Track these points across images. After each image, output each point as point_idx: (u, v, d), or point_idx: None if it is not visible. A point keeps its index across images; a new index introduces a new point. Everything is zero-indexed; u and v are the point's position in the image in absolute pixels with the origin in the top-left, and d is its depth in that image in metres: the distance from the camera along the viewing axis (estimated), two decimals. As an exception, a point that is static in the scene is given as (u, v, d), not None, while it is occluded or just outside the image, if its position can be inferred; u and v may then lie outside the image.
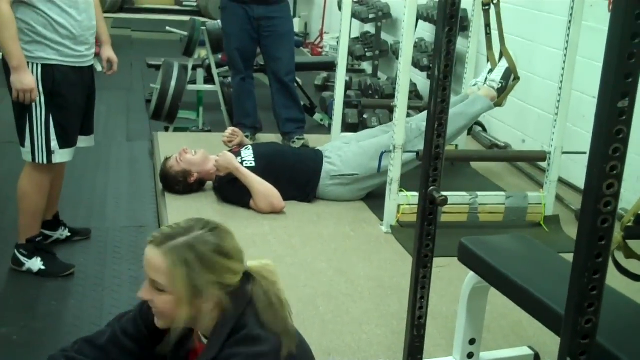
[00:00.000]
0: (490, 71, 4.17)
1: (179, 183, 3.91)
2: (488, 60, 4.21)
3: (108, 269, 3.28)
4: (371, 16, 7.01)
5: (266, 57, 4.96)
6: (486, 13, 4.02)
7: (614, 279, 1.58)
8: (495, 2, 3.93)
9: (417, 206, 1.76)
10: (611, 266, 1.31)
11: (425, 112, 2.99)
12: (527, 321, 2.66)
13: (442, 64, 1.65)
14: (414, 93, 6.10)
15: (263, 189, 3.76)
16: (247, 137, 4.66)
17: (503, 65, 4.10)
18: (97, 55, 3.39)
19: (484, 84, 4.17)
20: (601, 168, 1.08)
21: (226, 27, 4.95)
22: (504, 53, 4.06)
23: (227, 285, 1.64)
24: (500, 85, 4.09)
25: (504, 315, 2.77)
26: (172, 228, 1.67)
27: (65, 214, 3.85)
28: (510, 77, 4.08)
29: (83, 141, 3.33)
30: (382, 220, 3.69)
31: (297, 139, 4.90)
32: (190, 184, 3.92)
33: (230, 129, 4.37)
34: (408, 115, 3.98)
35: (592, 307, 1.15)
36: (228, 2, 4.85)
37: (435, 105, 1.68)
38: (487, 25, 4.06)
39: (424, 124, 2.01)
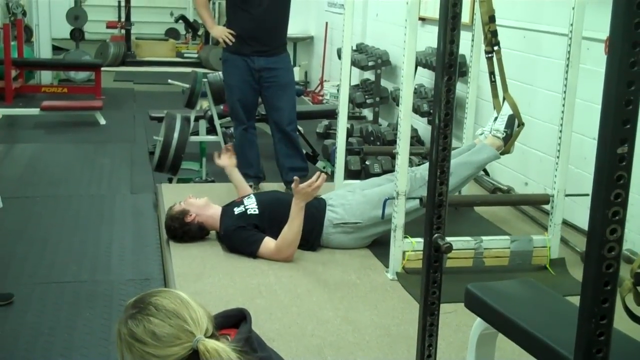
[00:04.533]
0: (496, 119, 4.18)
1: (175, 220, 3.92)
2: (494, 108, 4.21)
3: (114, 323, 3.25)
4: (370, 64, 7.09)
5: (268, 107, 5.00)
6: (489, 61, 4.03)
7: (622, 322, 1.57)
8: (496, 49, 3.97)
9: (422, 252, 1.76)
10: (620, 309, 1.30)
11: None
12: (537, 366, 2.64)
13: (443, 113, 1.67)
14: (415, 139, 6.14)
15: (297, 237, 3.76)
16: (250, 186, 4.68)
17: (506, 112, 4.11)
18: None
19: (490, 133, 4.19)
20: (603, 214, 1.09)
21: (227, 79, 5.00)
22: (507, 99, 4.07)
23: None
24: (504, 134, 4.10)
25: (513, 361, 2.75)
26: (127, 303, 1.73)
27: (70, 267, 3.86)
28: (515, 124, 4.09)
29: None
30: (387, 267, 3.68)
31: None
32: (187, 223, 3.92)
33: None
34: (410, 160, 4.00)
35: (600, 352, 1.14)
36: (229, 55, 4.91)
37: (437, 153, 1.69)
38: (492, 73, 4.07)
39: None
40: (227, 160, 4.36)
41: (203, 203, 3.98)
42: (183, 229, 3.94)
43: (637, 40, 1.03)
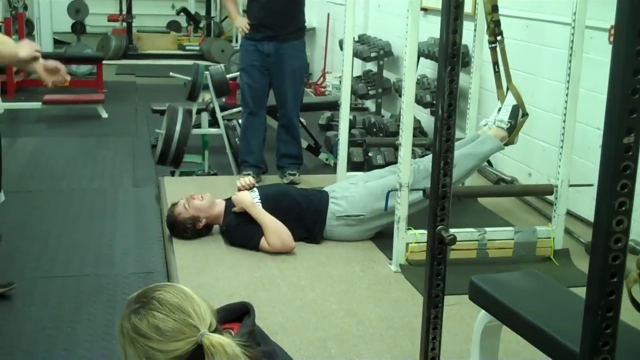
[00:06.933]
0: (500, 110, 4.16)
1: (187, 230, 3.90)
2: (498, 98, 4.19)
3: (117, 317, 3.24)
4: (373, 55, 7.07)
5: (274, 92, 5.07)
6: (493, 51, 4.01)
7: (629, 314, 1.56)
8: (499, 39, 3.94)
9: (425, 244, 1.75)
10: (626, 301, 1.29)
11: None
12: (541, 359, 2.62)
13: (446, 103, 1.65)
14: (418, 130, 6.11)
15: (277, 226, 3.77)
16: (248, 175, 4.66)
17: (510, 103, 4.08)
18: None
19: (494, 124, 4.16)
20: (610, 205, 1.07)
21: (240, 63, 5.13)
22: (510, 90, 4.05)
23: None
24: (509, 124, 4.08)
25: (518, 353, 2.73)
26: (129, 298, 1.71)
27: (73, 261, 3.86)
28: (519, 114, 4.07)
29: None
30: (391, 259, 3.67)
31: (289, 173, 4.95)
32: (199, 230, 3.91)
33: (249, 179, 4.17)
34: (413, 152, 3.97)
35: (607, 345, 1.13)
36: (244, 40, 5.10)
37: (440, 144, 1.67)
38: (495, 63, 4.04)
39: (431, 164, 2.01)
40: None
41: (208, 203, 3.93)
42: (194, 236, 3.93)
43: (644, 28, 1.01)
